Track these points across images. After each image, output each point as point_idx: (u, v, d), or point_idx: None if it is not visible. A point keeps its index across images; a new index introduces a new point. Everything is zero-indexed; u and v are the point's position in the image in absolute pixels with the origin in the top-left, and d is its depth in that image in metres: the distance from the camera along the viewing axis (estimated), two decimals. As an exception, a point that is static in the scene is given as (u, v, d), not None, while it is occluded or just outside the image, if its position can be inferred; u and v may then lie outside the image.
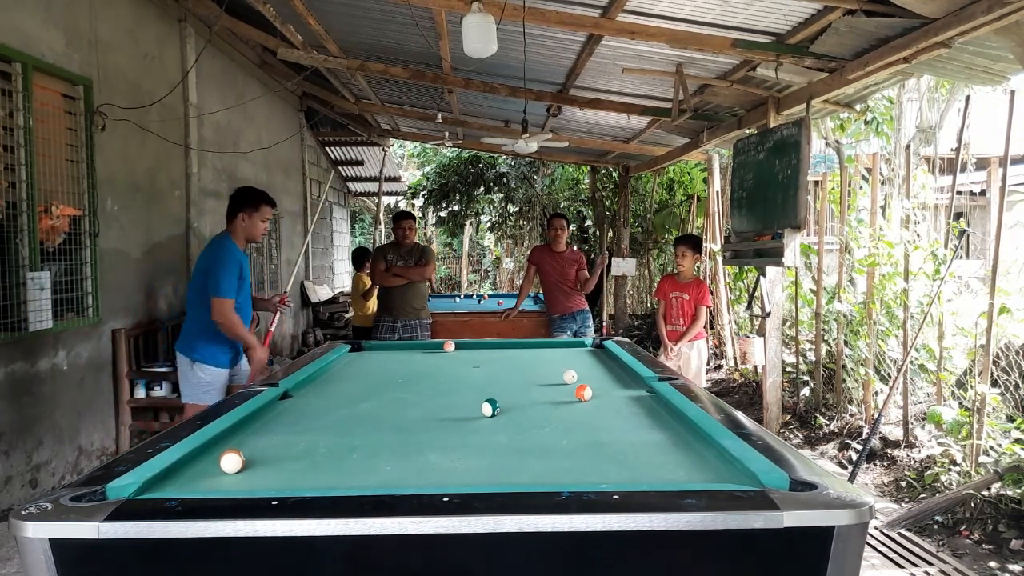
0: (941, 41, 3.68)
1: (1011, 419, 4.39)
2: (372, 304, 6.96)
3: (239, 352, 4.23)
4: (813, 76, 4.89)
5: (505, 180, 14.89)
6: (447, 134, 10.30)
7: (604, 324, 8.59)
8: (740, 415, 2.30)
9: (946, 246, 5.14)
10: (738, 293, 8.21)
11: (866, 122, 6.85)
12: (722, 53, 4.89)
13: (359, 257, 7.73)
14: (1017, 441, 4.05)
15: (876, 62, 4.19)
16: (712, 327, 8.21)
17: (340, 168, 13.33)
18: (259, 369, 4.14)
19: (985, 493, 3.89)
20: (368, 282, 6.97)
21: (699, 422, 2.18)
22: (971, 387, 4.46)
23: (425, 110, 9.17)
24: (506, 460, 1.94)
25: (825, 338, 6.15)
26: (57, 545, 1.43)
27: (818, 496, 1.53)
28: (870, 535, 3.71)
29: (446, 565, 1.51)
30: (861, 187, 6.41)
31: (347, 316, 10.35)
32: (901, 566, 3.45)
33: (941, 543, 3.76)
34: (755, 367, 7.11)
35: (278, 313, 4.75)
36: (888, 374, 5.51)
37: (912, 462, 4.77)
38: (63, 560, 1.44)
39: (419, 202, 16.86)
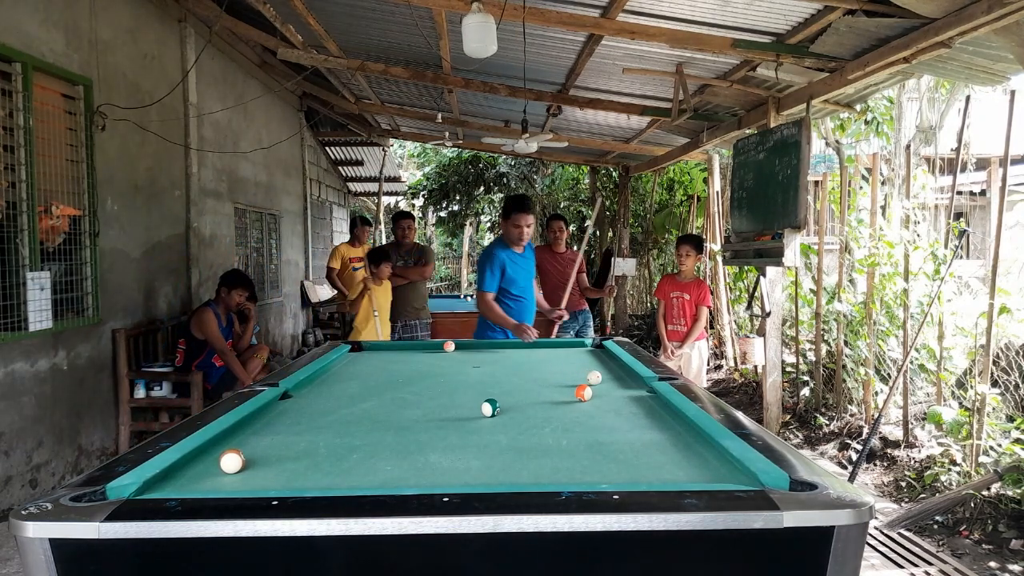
0: (941, 41, 3.68)
1: (1011, 419, 4.39)
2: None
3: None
4: (813, 76, 4.89)
5: (505, 180, 14.90)
6: (447, 134, 10.30)
7: (606, 325, 8.59)
8: (740, 415, 2.30)
9: (946, 246, 5.14)
10: (738, 293, 8.20)
11: (866, 122, 6.85)
12: (722, 53, 4.89)
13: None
14: (1017, 441, 4.05)
15: (876, 62, 4.19)
16: (712, 327, 8.21)
17: (340, 168, 13.33)
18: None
19: (985, 493, 3.89)
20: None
21: (699, 422, 2.17)
22: (971, 387, 4.46)
23: (425, 110, 9.17)
24: (506, 460, 1.94)
25: (825, 338, 6.15)
26: (57, 545, 1.43)
27: (818, 496, 1.53)
28: (870, 535, 3.71)
29: (446, 565, 1.51)
30: (861, 187, 6.41)
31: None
32: (901, 566, 3.45)
33: (941, 543, 3.76)
34: (755, 367, 7.11)
35: (557, 325, 5.15)
36: (888, 374, 5.51)
37: (912, 462, 4.77)
38: (63, 560, 1.43)
39: (419, 202, 16.87)
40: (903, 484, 4.54)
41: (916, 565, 3.46)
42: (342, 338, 8.15)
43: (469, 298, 9.51)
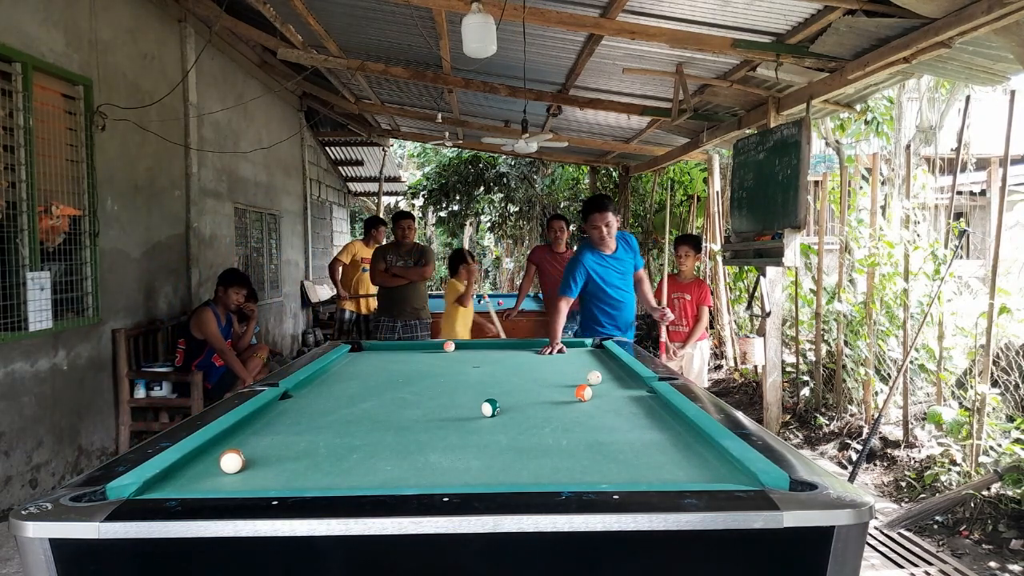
0: (941, 41, 3.68)
1: (1011, 419, 4.39)
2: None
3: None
4: (813, 76, 4.89)
5: (505, 180, 14.89)
6: (447, 134, 10.30)
7: None
8: (740, 415, 2.30)
9: (946, 246, 5.13)
10: (738, 293, 8.20)
11: (866, 122, 6.85)
12: (722, 53, 4.89)
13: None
14: (1017, 441, 4.05)
15: (876, 62, 4.19)
16: (712, 327, 8.20)
17: (340, 168, 13.33)
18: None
19: (985, 493, 3.89)
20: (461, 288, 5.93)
21: (699, 422, 2.17)
22: (971, 387, 4.46)
23: (425, 110, 9.17)
24: (506, 460, 1.94)
25: (825, 338, 6.15)
26: (57, 545, 1.43)
27: (818, 496, 1.53)
28: (870, 535, 3.71)
29: (446, 565, 1.51)
30: (861, 187, 6.41)
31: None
32: (901, 566, 3.45)
33: (941, 543, 3.76)
34: (755, 367, 7.11)
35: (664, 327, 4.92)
36: (888, 374, 5.51)
37: (912, 462, 4.77)
38: (63, 560, 1.43)
39: (419, 202, 16.87)
40: (903, 484, 4.54)
41: (916, 565, 3.45)
42: (338, 336, 8.16)
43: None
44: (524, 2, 4.54)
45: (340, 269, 8.00)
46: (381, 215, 13.65)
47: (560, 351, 3.96)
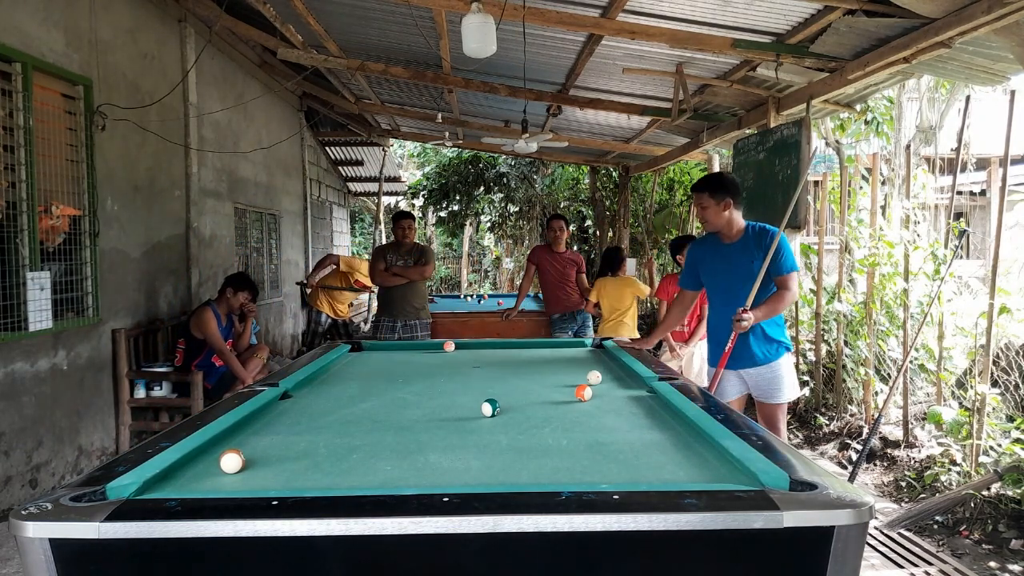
0: (941, 41, 3.68)
1: (1011, 419, 4.39)
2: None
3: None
4: (813, 76, 4.89)
5: (505, 180, 14.89)
6: (447, 134, 10.30)
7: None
8: (740, 415, 2.30)
9: (946, 246, 5.14)
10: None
11: (866, 122, 6.84)
12: (722, 53, 4.89)
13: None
14: (1017, 441, 4.05)
15: (876, 62, 4.19)
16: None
17: (340, 168, 13.33)
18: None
19: (985, 493, 3.89)
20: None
21: (699, 422, 2.17)
22: (971, 387, 4.46)
23: (425, 110, 9.17)
24: (506, 460, 1.94)
25: (825, 338, 6.15)
26: (57, 545, 1.43)
27: (818, 496, 1.53)
28: (870, 535, 3.71)
29: (446, 565, 1.51)
30: (861, 187, 6.41)
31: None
32: (901, 566, 3.45)
33: (941, 543, 3.76)
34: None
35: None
36: (888, 374, 5.51)
37: (912, 462, 4.77)
38: (63, 560, 1.44)
39: (419, 202, 16.88)
40: (903, 484, 4.54)
41: (916, 565, 3.45)
42: (310, 339, 8.17)
43: (469, 298, 9.50)
44: (524, 2, 4.54)
45: (329, 268, 8.01)
46: (381, 215, 13.67)
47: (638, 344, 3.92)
